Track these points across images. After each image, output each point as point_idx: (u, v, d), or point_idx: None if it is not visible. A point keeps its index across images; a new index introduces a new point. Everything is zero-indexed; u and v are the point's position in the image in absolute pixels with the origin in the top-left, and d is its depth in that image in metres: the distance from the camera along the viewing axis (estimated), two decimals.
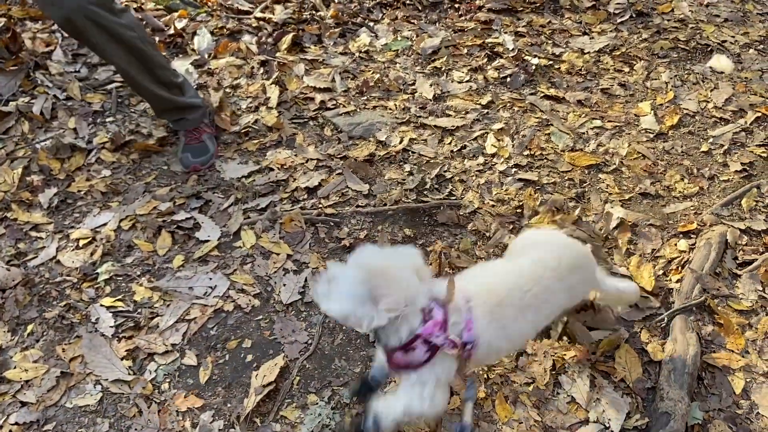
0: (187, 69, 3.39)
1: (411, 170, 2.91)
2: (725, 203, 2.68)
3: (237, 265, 2.47)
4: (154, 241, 2.55)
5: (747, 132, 3.03)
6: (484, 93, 3.33)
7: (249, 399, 2.04)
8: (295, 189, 2.80)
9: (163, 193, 2.74)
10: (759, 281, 2.37)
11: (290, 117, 3.18)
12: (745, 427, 1.98)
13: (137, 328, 2.26)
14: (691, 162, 2.90)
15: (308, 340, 2.24)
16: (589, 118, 3.14)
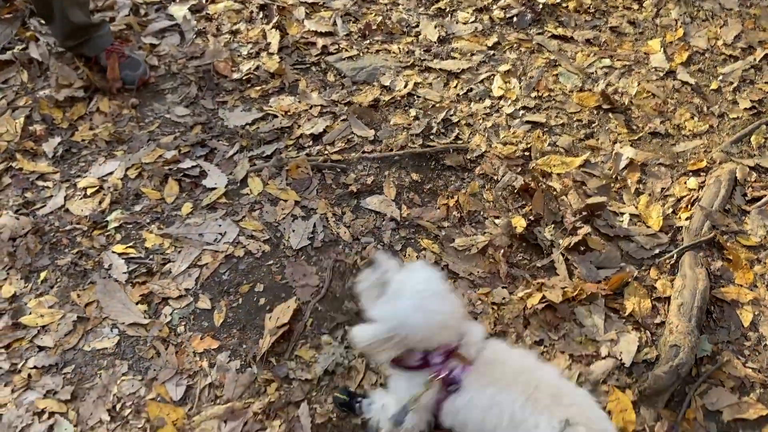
0: (184, 15, 3.33)
1: (416, 115, 2.89)
2: (735, 141, 2.68)
3: (245, 212, 2.48)
4: (161, 189, 2.55)
5: (756, 69, 3.00)
6: (490, 34, 3.28)
7: (264, 340, 2.08)
8: (300, 136, 2.79)
9: (167, 141, 2.73)
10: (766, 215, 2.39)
11: (292, 63, 3.14)
12: (753, 357, 2.04)
13: (150, 273, 2.28)
14: (700, 100, 2.88)
15: (319, 284, 2.27)
16: (598, 57, 3.10)
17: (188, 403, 1.97)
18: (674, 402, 1.93)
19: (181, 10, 3.35)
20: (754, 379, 1.98)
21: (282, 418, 1.92)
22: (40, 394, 2.00)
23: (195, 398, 1.98)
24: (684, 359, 1.93)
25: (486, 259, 2.35)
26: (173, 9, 3.35)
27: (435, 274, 1.60)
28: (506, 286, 2.25)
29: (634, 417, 1.89)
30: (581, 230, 2.35)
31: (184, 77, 3.05)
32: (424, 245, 2.38)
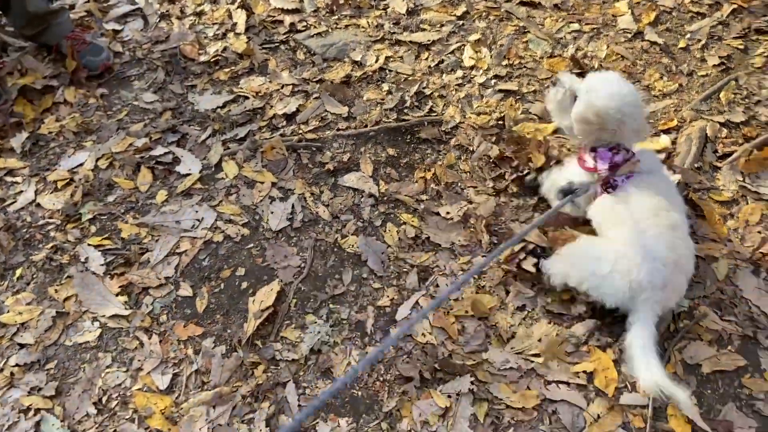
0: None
1: (389, 89, 2.86)
2: (704, 98, 2.69)
3: (222, 196, 2.46)
4: (134, 178, 2.51)
5: (723, 25, 3.01)
6: (458, 3, 3.24)
7: (248, 324, 2.08)
8: (272, 116, 2.75)
9: (137, 129, 2.68)
10: (739, 171, 2.42)
11: (260, 42, 3.08)
12: (729, 310, 2.08)
13: (128, 264, 2.25)
14: (669, 59, 2.88)
15: (301, 264, 2.26)
16: (567, 22, 3.08)
17: (175, 391, 1.96)
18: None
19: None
20: (732, 332, 2.02)
21: (270, 400, 1.92)
22: (24, 392, 1.97)
23: (182, 386, 1.97)
24: (662, 316, 1.96)
25: (467, 229, 2.35)
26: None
27: (625, 82, 2.02)
28: (486, 254, 2.26)
29: (616, 375, 1.92)
30: None
31: (150, 62, 2.98)
32: (403, 219, 2.38)
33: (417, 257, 2.28)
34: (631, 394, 1.89)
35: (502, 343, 2.02)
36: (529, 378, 1.95)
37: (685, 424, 1.82)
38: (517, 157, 2.48)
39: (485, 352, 2.01)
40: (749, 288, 2.11)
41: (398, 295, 2.18)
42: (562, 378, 1.93)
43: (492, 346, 2.02)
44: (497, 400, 1.91)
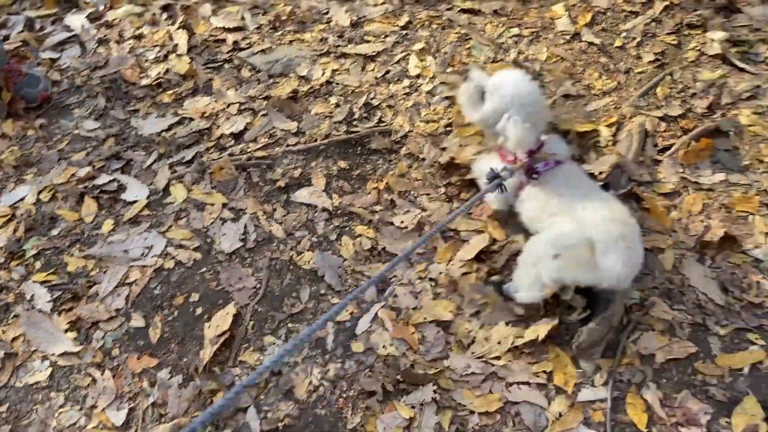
0: (82, 24, 3.18)
1: (337, 102, 2.86)
2: (642, 94, 2.77)
3: (171, 221, 2.41)
4: (78, 209, 2.45)
5: (657, 22, 3.10)
6: (400, 14, 3.26)
7: (205, 350, 2.04)
8: (220, 136, 2.72)
9: (79, 158, 2.62)
10: (679, 163, 2.49)
11: (203, 62, 3.05)
12: (678, 299, 2.13)
13: (76, 298, 2.20)
14: (607, 58, 2.95)
15: (256, 285, 2.23)
16: (507, 27, 3.13)
17: (132, 426, 1.91)
18: (610, 351, 2.00)
19: (79, 19, 3.20)
20: (682, 320, 2.07)
21: (232, 427, 1.88)
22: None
23: (138, 420, 1.92)
24: (614, 309, 2.00)
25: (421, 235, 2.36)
26: (70, 20, 3.20)
27: (527, 79, 2.14)
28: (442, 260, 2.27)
29: (574, 371, 1.95)
30: None
31: (89, 89, 2.92)
32: (358, 232, 2.37)
33: (374, 268, 2.27)
34: (590, 389, 1.92)
35: (463, 349, 2.03)
36: (491, 381, 1.96)
37: (642, 413, 1.86)
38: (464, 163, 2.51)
39: (446, 359, 2.01)
40: (695, 276, 2.17)
41: (357, 309, 2.17)
42: (522, 379, 1.94)
43: (453, 352, 2.03)
44: (461, 407, 1.91)
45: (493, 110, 2.13)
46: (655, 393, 1.91)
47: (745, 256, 2.24)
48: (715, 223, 2.30)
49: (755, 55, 2.92)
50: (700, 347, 2.01)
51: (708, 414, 1.87)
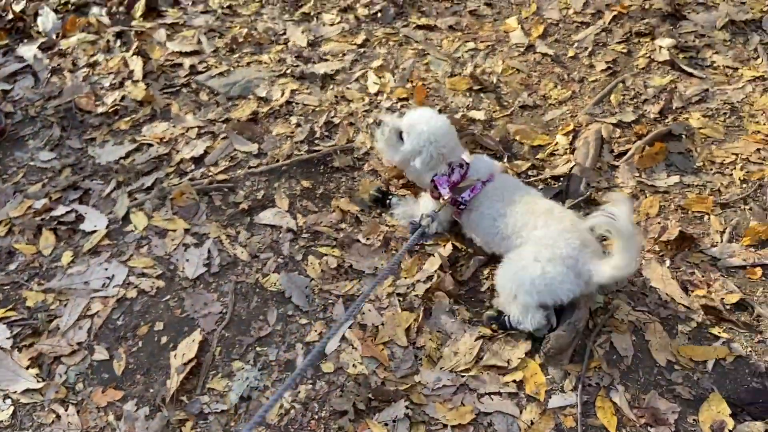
0: (35, 54, 3.14)
1: (298, 122, 2.87)
2: (596, 102, 2.84)
3: (132, 249, 2.37)
4: (36, 243, 2.40)
5: (607, 31, 3.19)
6: (357, 32, 3.30)
7: (171, 380, 2.00)
8: (180, 161, 2.70)
9: (35, 190, 2.57)
10: (635, 168, 2.56)
11: (160, 87, 3.03)
12: (641, 300, 2.17)
13: (36, 334, 2.14)
14: (561, 69, 3.03)
15: (222, 310, 2.20)
16: (463, 41, 3.20)
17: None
18: (577, 357, 2.03)
19: (31, 50, 3.16)
20: (645, 320, 2.11)
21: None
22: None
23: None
24: (579, 314, 2.03)
25: (388, 252, 2.37)
26: (22, 50, 3.16)
27: (430, 109, 2.24)
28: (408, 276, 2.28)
29: (544, 379, 1.97)
30: None
31: (44, 120, 2.87)
32: (324, 251, 2.37)
33: (342, 287, 2.27)
34: (560, 395, 1.94)
35: (432, 363, 2.04)
36: (462, 393, 1.97)
37: (612, 416, 1.89)
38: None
39: (417, 374, 2.01)
40: (656, 277, 2.22)
41: (326, 328, 2.15)
42: (493, 389, 1.95)
43: (423, 367, 2.03)
44: (434, 421, 1.91)
45: (412, 149, 2.17)
46: (623, 395, 1.94)
47: (703, 255, 2.30)
48: (672, 224, 2.36)
49: (702, 60, 3.03)
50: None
51: (675, 413, 1.90)
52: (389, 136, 2.22)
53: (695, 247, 2.32)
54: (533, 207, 2.07)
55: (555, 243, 1.95)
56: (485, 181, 2.15)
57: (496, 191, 2.14)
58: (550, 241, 1.96)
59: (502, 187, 2.16)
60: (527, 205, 2.08)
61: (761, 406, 1.92)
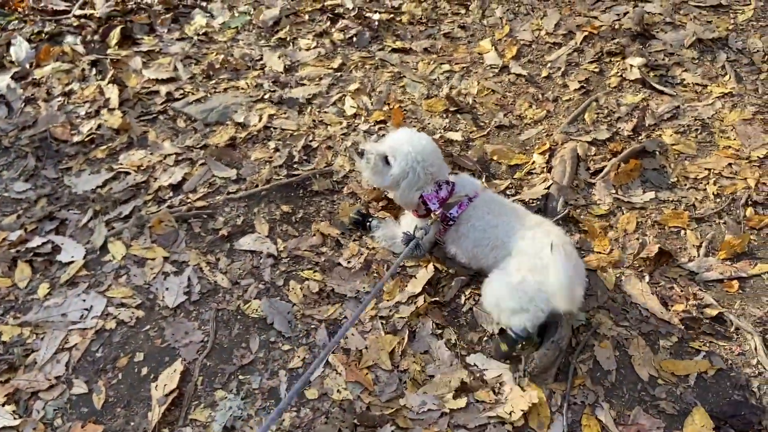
0: (8, 84, 3.11)
1: (276, 146, 2.88)
2: (571, 121, 2.90)
3: (111, 279, 2.34)
4: (11, 275, 2.35)
5: (579, 51, 3.26)
6: (333, 56, 3.34)
7: (153, 412, 1.97)
8: (158, 189, 2.68)
9: (10, 221, 2.53)
10: (611, 185, 2.61)
11: (137, 115, 3.02)
12: (622, 315, 2.20)
13: (12, 369, 2.08)
14: (535, 89, 3.09)
15: (204, 338, 2.18)
16: (438, 64, 3.24)
17: None
18: (561, 375, 2.04)
19: (4, 80, 3.14)
20: (627, 335, 2.14)
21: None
22: None
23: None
24: (562, 332, 2.04)
25: (370, 275, 2.37)
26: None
27: (411, 130, 2.26)
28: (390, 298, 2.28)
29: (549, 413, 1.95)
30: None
31: (18, 150, 2.84)
32: (306, 275, 2.37)
33: (324, 311, 2.26)
34: None
35: (417, 386, 2.04)
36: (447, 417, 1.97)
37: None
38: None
39: (402, 398, 2.01)
40: (636, 292, 2.26)
41: (309, 354, 2.14)
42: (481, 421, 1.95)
43: (408, 391, 2.03)
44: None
45: (400, 171, 2.16)
46: (609, 412, 1.95)
47: (681, 270, 2.35)
48: (650, 239, 2.41)
49: (672, 78, 3.11)
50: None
51: (660, 428, 1.92)
52: (375, 162, 2.19)
53: (673, 262, 2.36)
54: (522, 221, 2.11)
55: (540, 255, 1.97)
56: (471, 198, 2.17)
57: (484, 205, 2.17)
58: (537, 253, 1.99)
59: (489, 200, 2.20)
60: (514, 217, 2.13)
61: (743, 419, 1.94)
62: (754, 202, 2.53)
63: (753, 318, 2.19)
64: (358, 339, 2.16)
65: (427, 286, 2.28)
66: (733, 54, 3.18)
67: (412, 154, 2.14)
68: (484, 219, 2.14)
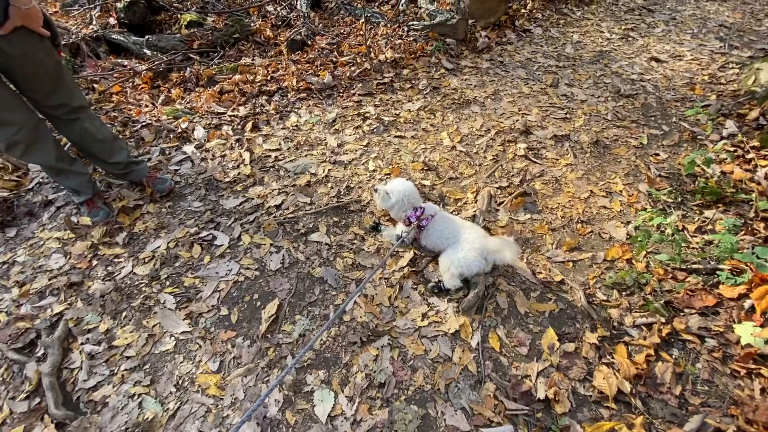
0: (192, 150, 3.18)
1: (332, 186, 2.90)
2: (488, 176, 2.90)
3: (242, 254, 2.38)
4: (190, 251, 2.41)
5: (492, 139, 3.28)
6: (363, 139, 3.37)
7: (262, 325, 2.01)
8: (268, 207, 2.71)
9: (191, 222, 2.58)
10: (508, 210, 2.61)
11: (259, 167, 3.06)
12: (511, 279, 2.18)
13: (189, 301, 2.14)
14: (469, 159, 3.09)
15: (290, 288, 2.21)
16: (419, 144, 3.26)
17: (222, 370, 1.86)
18: (479, 311, 2.04)
19: (190, 148, 3.20)
20: (514, 291, 2.13)
21: (278, 367, 1.86)
22: (130, 385, 1.82)
23: (226, 367, 1.87)
24: (480, 287, 2.06)
25: (379, 255, 2.39)
26: (185, 148, 3.20)
27: (401, 179, 2.19)
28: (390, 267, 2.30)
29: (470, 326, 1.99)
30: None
31: (196, 185, 2.90)
32: (345, 255, 2.39)
33: (354, 274, 2.28)
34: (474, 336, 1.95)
35: (402, 315, 2.04)
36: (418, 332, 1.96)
37: (497, 341, 1.89)
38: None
39: (394, 321, 2.02)
40: (521, 267, 2.24)
41: (346, 297, 2.17)
42: (440, 332, 1.96)
43: (398, 318, 2.03)
44: (403, 347, 1.91)
45: (395, 202, 2.18)
46: (503, 330, 1.96)
47: (542, 255, 2.32)
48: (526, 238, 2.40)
49: (541, 155, 3.11)
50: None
51: (529, 339, 1.93)
52: (383, 196, 2.21)
53: (538, 251, 2.35)
54: (462, 224, 2.13)
55: (474, 241, 2.01)
56: (433, 215, 2.18)
57: (441, 219, 2.17)
58: (471, 240, 2.01)
59: (444, 217, 2.20)
60: (458, 223, 2.14)
61: (575, 333, 1.94)
62: (581, 221, 2.53)
63: (579, 281, 2.19)
64: (372, 289, 2.18)
65: (410, 262, 2.29)
66: (572, 143, 3.19)
67: (401, 193, 2.16)
68: (441, 226, 2.15)
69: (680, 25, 5.09)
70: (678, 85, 3.86)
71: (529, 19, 5.26)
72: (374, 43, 4.52)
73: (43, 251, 2.39)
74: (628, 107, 3.58)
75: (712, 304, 1.97)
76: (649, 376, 1.77)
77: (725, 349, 1.83)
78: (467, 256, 2.00)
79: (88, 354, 1.92)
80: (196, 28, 4.47)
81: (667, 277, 2.13)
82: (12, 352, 1.89)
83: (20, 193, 2.73)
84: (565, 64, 4.33)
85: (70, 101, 2.17)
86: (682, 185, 2.70)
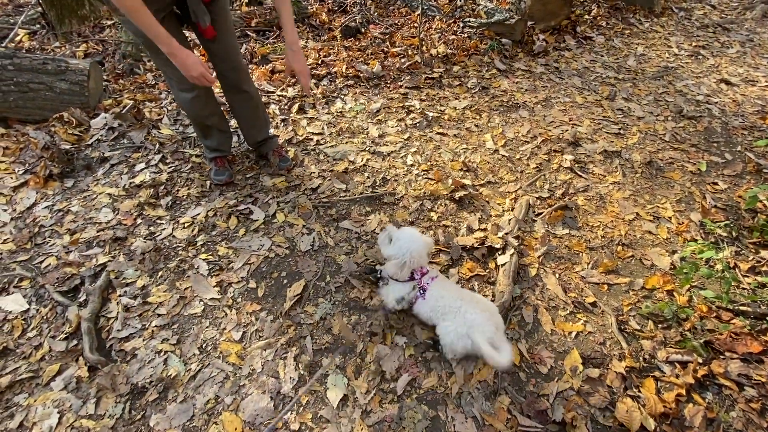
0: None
1: (368, 175, 2.86)
2: (529, 184, 2.77)
3: (275, 231, 2.41)
4: (227, 222, 2.45)
5: (537, 147, 3.12)
6: (404, 132, 3.30)
7: (286, 303, 2.02)
8: (305, 189, 2.72)
9: (231, 195, 2.63)
10: (546, 222, 2.47)
11: (301, 150, 3.08)
12: (540, 294, 2.09)
13: (221, 269, 2.18)
14: (511, 164, 2.96)
15: (317, 270, 2.20)
16: (460, 143, 3.16)
17: (243, 341, 1.89)
18: (505, 322, 1.92)
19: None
20: (540, 305, 2.03)
21: (296, 346, 1.86)
22: (159, 341, 1.88)
23: (248, 338, 1.90)
24: (507, 301, 1.97)
25: None
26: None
27: (416, 231, 1.83)
28: None
29: None
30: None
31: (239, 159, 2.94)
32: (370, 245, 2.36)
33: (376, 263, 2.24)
34: None
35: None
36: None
37: (518, 357, 1.80)
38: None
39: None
40: (551, 283, 2.13)
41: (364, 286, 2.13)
42: None
43: None
44: (417, 341, 1.85)
45: (394, 252, 1.76)
46: (525, 346, 1.86)
47: (576, 274, 2.20)
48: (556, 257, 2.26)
49: (588, 169, 2.92)
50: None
51: (552, 358, 1.81)
52: (384, 238, 1.82)
53: (572, 269, 2.22)
54: (462, 297, 1.73)
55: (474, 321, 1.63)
56: (433, 278, 1.79)
57: (437, 285, 1.79)
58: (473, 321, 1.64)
59: (441, 283, 1.80)
60: (456, 294, 1.75)
61: (601, 359, 1.81)
62: (622, 243, 2.35)
63: (612, 306, 2.04)
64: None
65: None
66: (622, 160, 2.97)
67: (407, 248, 1.74)
68: (438, 299, 1.74)
69: (757, 47, 4.59)
70: (748, 112, 3.48)
71: (591, 26, 4.93)
72: (427, 37, 4.41)
73: (95, 204, 2.50)
74: (689, 129, 3.28)
75: (757, 352, 1.77)
76: (677, 417, 1.62)
77: (765, 401, 1.63)
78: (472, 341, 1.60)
79: (124, 306, 1.99)
80: (256, 7, 4.53)
81: (711, 315, 1.94)
82: (58, 294, 2.00)
83: (80, 147, 2.87)
84: (625, 76, 4.03)
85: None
86: (740, 220, 2.44)
